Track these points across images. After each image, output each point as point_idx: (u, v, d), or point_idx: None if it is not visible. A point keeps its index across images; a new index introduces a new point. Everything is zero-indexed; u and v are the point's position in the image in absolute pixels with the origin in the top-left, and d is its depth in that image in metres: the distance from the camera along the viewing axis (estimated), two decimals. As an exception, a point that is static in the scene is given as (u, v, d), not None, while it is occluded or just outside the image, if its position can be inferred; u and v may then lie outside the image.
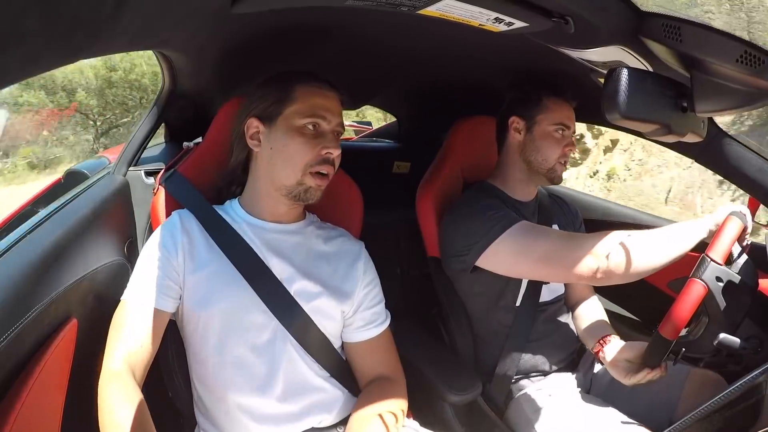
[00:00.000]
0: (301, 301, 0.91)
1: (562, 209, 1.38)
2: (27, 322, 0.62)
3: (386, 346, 1.01)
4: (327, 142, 0.90)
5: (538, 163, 1.21)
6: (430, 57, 1.24)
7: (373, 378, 0.97)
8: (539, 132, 1.20)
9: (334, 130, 0.92)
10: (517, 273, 1.13)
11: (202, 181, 1.04)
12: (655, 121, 0.71)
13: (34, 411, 0.62)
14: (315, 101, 0.91)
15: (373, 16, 0.81)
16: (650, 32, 0.71)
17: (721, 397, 0.69)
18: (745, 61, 0.62)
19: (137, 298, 0.85)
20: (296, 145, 0.89)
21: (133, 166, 1.23)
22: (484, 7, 0.72)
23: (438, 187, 1.31)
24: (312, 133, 0.90)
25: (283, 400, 0.88)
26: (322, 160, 0.90)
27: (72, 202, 0.97)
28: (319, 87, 0.92)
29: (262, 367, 0.88)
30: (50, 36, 0.44)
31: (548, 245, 1.03)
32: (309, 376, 0.91)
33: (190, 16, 0.74)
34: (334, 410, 0.93)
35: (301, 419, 0.89)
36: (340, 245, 1.02)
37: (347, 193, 1.18)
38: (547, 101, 1.20)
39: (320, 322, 0.93)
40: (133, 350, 0.80)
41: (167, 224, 0.93)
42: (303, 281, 0.93)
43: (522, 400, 1.17)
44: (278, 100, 0.91)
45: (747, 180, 1.05)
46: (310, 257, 0.96)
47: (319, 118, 0.90)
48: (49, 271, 0.72)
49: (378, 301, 1.02)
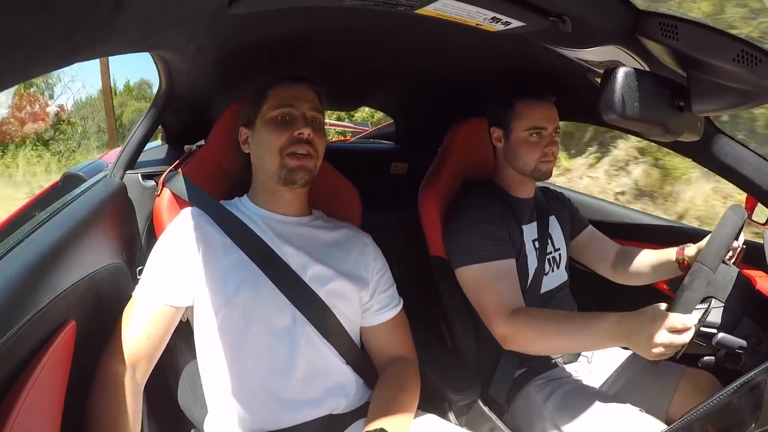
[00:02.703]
0: (317, 287, 0.94)
1: (554, 201, 1.43)
2: (25, 326, 0.62)
3: (402, 327, 1.06)
4: (297, 124, 0.96)
5: (521, 167, 1.25)
6: (427, 58, 1.25)
7: (391, 358, 1.02)
8: (515, 140, 1.24)
9: (303, 114, 0.97)
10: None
11: (206, 182, 1.05)
12: (651, 121, 0.71)
13: (33, 413, 0.61)
14: (283, 94, 0.98)
15: (371, 16, 0.81)
16: (647, 31, 0.71)
17: (721, 396, 0.69)
18: (743, 59, 0.62)
19: (147, 293, 0.87)
20: (270, 134, 0.96)
21: (130, 170, 1.22)
22: (482, 7, 0.72)
23: (440, 187, 1.32)
24: (283, 121, 0.97)
25: (303, 384, 0.90)
26: (294, 141, 0.95)
27: (69, 205, 0.96)
28: (288, 83, 1.00)
29: (283, 350, 0.90)
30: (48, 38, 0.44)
31: (492, 293, 1.13)
32: (327, 359, 0.94)
33: (188, 17, 0.74)
34: (350, 396, 0.96)
35: (320, 404, 0.92)
36: (348, 234, 1.07)
37: (345, 195, 1.19)
38: (519, 106, 1.22)
39: (337, 305, 0.96)
40: (140, 345, 0.83)
41: (179, 221, 0.95)
42: (316, 266, 0.96)
43: (523, 399, 1.17)
44: (254, 104, 1.00)
45: (744, 179, 1.05)
46: (320, 245, 1.01)
47: (287, 107, 0.97)
48: (47, 275, 0.72)
49: (391, 284, 1.08)
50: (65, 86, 14.18)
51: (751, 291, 1.00)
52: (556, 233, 1.34)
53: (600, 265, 1.40)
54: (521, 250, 1.23)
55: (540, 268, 1.24)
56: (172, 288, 0.88)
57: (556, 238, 1.33)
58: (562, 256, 1.33)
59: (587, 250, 1.43)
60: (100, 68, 10.43)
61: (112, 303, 0.89)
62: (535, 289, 1.23)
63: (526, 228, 1.26)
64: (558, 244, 1.33)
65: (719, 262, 0.91)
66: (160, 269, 0.90)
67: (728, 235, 0.94)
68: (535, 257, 1.25)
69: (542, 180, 1.27)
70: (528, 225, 1.27)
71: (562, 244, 1.34)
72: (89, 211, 0.96)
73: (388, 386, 0.95)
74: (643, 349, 0.86)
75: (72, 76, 14.31)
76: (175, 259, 0.90)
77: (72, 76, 14.25)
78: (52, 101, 13.85)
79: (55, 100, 14.00)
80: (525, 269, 1.23)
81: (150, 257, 0.93)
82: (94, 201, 1.02)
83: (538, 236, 1.28)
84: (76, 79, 15.13)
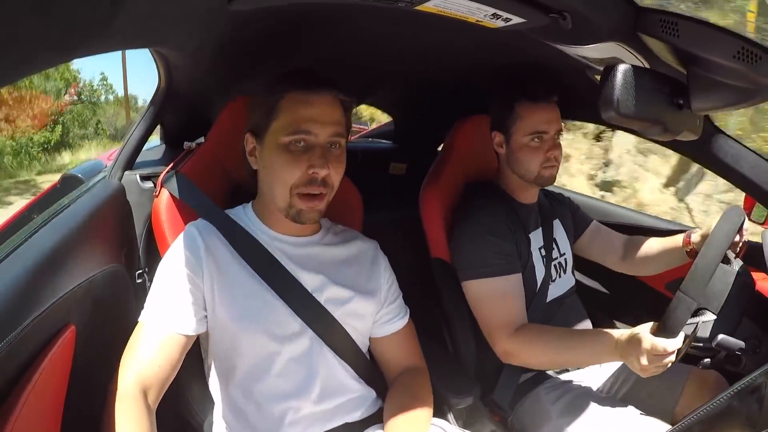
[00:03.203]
0: (333, 308, 0.91)
1: (555, 204, 1.41)
2: (25, 330, 0.61)
3: (411, 337, 1.04)
4: (314, 159, 0.83)
5: (523, 173, 1.23)
6: (427, 55, 1.24)
7: (402, 369, 1.00)
8: (516, 144, 1.22)
9: (323, 143, 0.85)
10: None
11: (206, 182, 1.03)
12: (651, 119, 0.70)
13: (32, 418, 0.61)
14: (299, 114, 0.83)
15: (370, 12, 0.81)
16: (647, 28, 0.71)
17: (722, 398, 0.69)
18: (743, 57, 0.62)
19: (157, 320, 0.82)
20: (281, 165, 0.84)
21: (129, 170, 1.21)
22: (482, 3, 0.71)
23: (441, 188, 1.31)
24: (298, 149, 0.84)
25: (318, 402, 0.89)
26: (308, 181, 0.84)
27: (68, 208, 0.96)
28: (306, 94, 0.84)
29: (301, 374, 0.89)
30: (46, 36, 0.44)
31: (496, 309, 1.15)
32: (343, 380, 0.93)
33: (187, 14, 0.74)
34: (363, 408, 0.95)
35: (333, 419, 0.91)
36: (358, 247, 1.03)
37: (349, 198, 1.18)
38: (519, 109, 1.20)
39: (351, 324, 0.94)
40: (150, 372, 0.78)
41: (186, 240, 0.88)
42: (333, 288, 0.93)
43: (532, 401, 1.17)
44: (265, 113, 0.86)
45: (743, 178, 1.05)
46: (334, 264, 0.96)
47: (303, 134, 0.83)
48: (47, 279, 0.72)
49: (398, 294, 1.05)
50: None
51: (751, 292, 1.00)
52: (560, 237, 1.33)
53: (608, 258, 1.39)
54: (528, 260, 1.22)
55: (547, 276, 1.23)
56: (183, 315, 0.83)
57: (561, 243, 1.32)
58: (567, 260, 1.33)
59: (594, 245, 1.42)
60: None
61: (111, 307, 0.88)
62: (542, 297, 1.22)
63: (532, 236, 1.25)
64: (563, 248, 1.32)
65: (708, 278, 0.89)
66: (169, 294, 0.83)
67: (725, 239, 0.93)
68: (543, 265, 1.24)
69: (546, 186, 1.25)
70: (534, 232, 1.26)
71: (567, 248, 1.34)
72: (88, 214, 0.95)
73: (403, 395, 0.93)
74: (634, 368, 0.93)
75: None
76: (184, 282, 0.84)
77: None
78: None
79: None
80: (533, 278, 1.22)
81: (156, 279, 0.86)
82: (92, 204, 1.01)
83: (543, 243, 1.27)
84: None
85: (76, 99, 15.38)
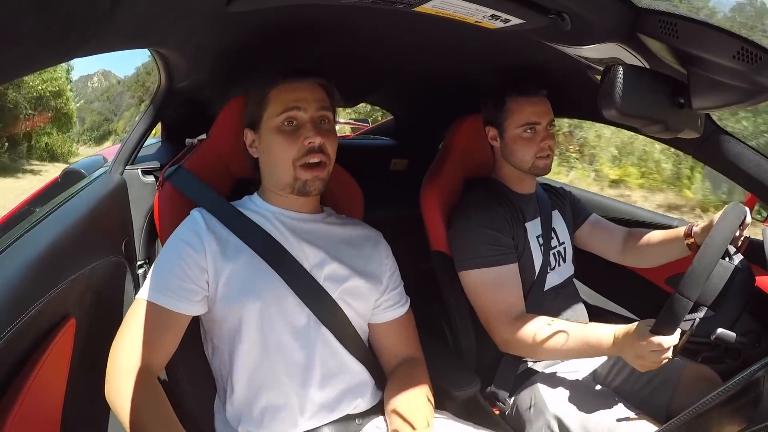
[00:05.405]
0: (332, 285, 0.93)
1: (555, 196, 1.42)
2: (24, 321, 0.62)
3: (411, 326, 1.06)
4: (306, 132, 0.91)
5: (518, 164, 1.25)
6: (426, 55, 1.25)
7: (401, 359, 1.01)
8: (509, 137, 1.24)
9: (312, 118, 0.92)
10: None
11: (209, 177, 1.04)
12: (651, 118, 0.71)
13: (33, 409, 0.62)
14: (286, 97, 0.92)
15: (369, 13, 0.81)
16: (647, 29, 0.71)
17: (720, 392, 0.69)
18: (742, 57, 0.62)
19: (157, 299, 0.83)
20: (278, 145, 0.92)
21: (130, 165, 1.22)
22: (481, 4, 0.71)
23: (442, 184, 1.32)
24: (290, 128, 0.92)
25: (321, 387, 0.90)
26: (306, 152, 0.91)
27: (69, 201, 0.96)
28: (289, 82, 0.93)
29: (301, 351, 0.89)
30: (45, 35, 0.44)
31: (493, 299, 1.16)
32: (342, 360, 0.94)
33: (186, 15, 0.74)
34: (366, 395, 0.95)
35: (337, 407, 0.91)
36: (361, 231, 1.06)
37: (350, 192, 1.19)
38: (510, 103, 1.22)
39: (350, 304, 0.95)
40: (148, 353, 0.79)
41: (190, 223, 0.92)
42: (333, 265, 0.95)
43: (529, 392, 1.17)
44: (258, 106, 0.95)
45: (744, 176, 1.05)
46: (335, 241, 0.99)
47: (292, 110, 0.91)
48: (46, 270, 0.72)
49: (400, 282, 1.07)
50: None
51: (752, 287, 1.00)
52: (560, 227, 1.34)
53: (608, 250, 1.39)
54: (525, 249, 1.23)
55: (545, 263, 1.25)
56: (184, 295, 0.84)
57: (560, 232, 1.33)
58: (567, 249, 1.34)
59: (594, 236, 1.42)
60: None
61: (111, 299, 0.89)
62: (541, 284, 1.24)
63: (529, 225, 1.26)
64: (563, 237, 1.33)
65: (707, 276, 0.89)
66: (170, 274, 0.85)
67: (725, 237, 0.93)
68: (540, 252, 1.25)
69: (541, 175, 1.27)
70: (531, 222, 1.27)
71: (566, 237, 1.35)
72: (89, 207, 0.96)
73: (403, 383, 0.94)
74: (632, 363, 0.96)
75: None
76: (185, 263, 0.86)
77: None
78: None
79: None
80: (530, 265, 1.23)
81: (158, 260, 0.89)
82: (93, 197, 1.02)
83: (542, 231, 1.28)
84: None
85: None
